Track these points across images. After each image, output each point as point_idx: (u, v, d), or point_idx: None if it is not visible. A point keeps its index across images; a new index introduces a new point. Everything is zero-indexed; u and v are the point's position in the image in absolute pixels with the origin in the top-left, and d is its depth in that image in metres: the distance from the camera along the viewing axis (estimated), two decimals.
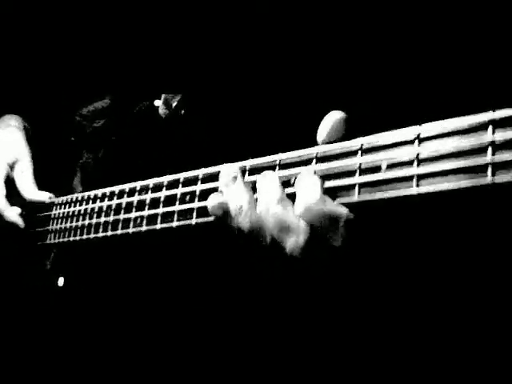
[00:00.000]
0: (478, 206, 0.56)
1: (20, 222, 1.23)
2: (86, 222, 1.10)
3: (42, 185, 1.28)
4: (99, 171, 1.23)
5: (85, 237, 1.10)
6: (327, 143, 0.69)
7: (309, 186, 0.65)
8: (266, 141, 0.88)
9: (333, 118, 0.69)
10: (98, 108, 1.23)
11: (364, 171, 0.64)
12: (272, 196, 0.70)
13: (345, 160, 0.67)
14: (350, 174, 0.65)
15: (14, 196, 1.25)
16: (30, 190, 1.23)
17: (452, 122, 0.57)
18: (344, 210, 0.64)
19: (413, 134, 0.60)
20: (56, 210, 1.21)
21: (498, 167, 0.52)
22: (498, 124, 0.53)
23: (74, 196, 1.16)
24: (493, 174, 0.52)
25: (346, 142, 0.68)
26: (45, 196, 1.23)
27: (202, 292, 1.10)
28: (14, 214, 1.23)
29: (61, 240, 1.17)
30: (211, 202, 0.77)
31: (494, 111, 0.53)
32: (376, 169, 0.63)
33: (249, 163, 0.80)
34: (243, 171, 0.80)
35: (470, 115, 0.55)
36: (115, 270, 1.19)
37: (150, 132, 1.11)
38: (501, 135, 0.52)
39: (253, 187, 0.78)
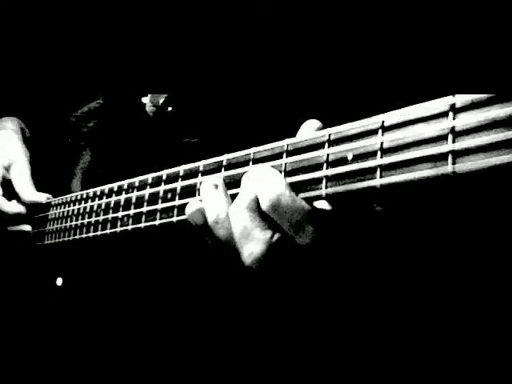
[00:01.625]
0: (444, 195, 0.53)
1: (22, 209, 1.23)
2: (79, 222, 1.10)
3: (41, 186, 1.28)
4: (93, 171, 1.23)
5: (78, 237, 1.10)
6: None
7: (272, 179, 0.63)
8: (251, 137, 0.86)
9: (309, 128, 0.67)
10: (91, 108, 1.23)
11: (331, 163, 0.62)
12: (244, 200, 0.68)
13: (313, 152, 0.64)
14: (318, 166, 0.63)
15: (12, 199, 1.25)
16: (27, 191, 1.23)
17: (414, 109, 0.54)
18: (306, 205, 0.61)
19: (377, 122, 0.58)
20: (53, 210, 1.22)
21: (458, 155, 0.50)
22: (459, 109, 0.50)
23: (69, 196, 1.17)
24: (453, 162, 0.50)
25: (314, 133, 0.66)
26: (42, 197, 1.23)
27: (199, 290, 1.09)
28: (13, 205, 1.23)
29: (57, 240, 1.18)
30: (190, 208, 0.75)
31: (453, 96, 0.51)
32: (343, 160, 0.61)
33: (225, 158, 0.79)
34: (219, 166, 0.79)
35: (430, 101, 0.53)
36: (112, 269, 1.19)
37: (137, 130, 1.10)
38: (461, 121, 0.50)
39: (232, 182, 0.76)
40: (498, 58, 0.55)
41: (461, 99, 0.50)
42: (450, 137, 0.50)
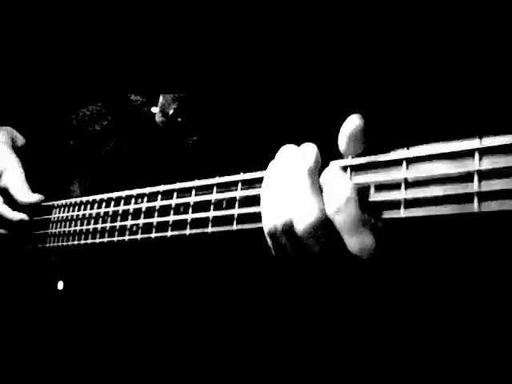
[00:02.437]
0: (467, 232, 0.56)
1: (24, 216, 1.24)
2: (84, 227, 1.10)
3: (41, 190, 1.29)
4: (98, 176, 1.23)
5: (82, 242, 1.10)
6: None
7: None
8: (263, 149, 0.87)
9: (351, 127, 0.62)
10: (93, 111, 1.23)
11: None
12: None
13: None
14: None
15: (13, 207, 1.26)
16: (21, 193, 1.24)
17: (439, 146, 0.56)
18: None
19: (401, 156, 0.60)
20: (55, 213, 1.22)
21: (484, 195, 0.52)
22: (485, 152, 0.53)
23: (73, 200, 1.17)
24: (479, 203, 0.52)
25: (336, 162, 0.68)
26: (36, 198, 1.24)
27: (201, 298, 1.11)
28: (16, 213, 1.25)
29: (60, 244, 1.18)
30: None
31: (481, 138, 0.53)
32: (365, 190, 0.63)
33: (241, 177, 0.80)
34: (235, 183, 0.80)
35: (457, 140, 0.55)
36: (114, 276, 1.20)
37: (147, 139, 1.11)
38: (487, 163, 0.52)
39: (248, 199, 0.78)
40: None
41: (488, 142, 0.52)
42: (476, 178, 0.53)
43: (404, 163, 0.59)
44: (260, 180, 0.76)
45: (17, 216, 1.25)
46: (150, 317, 1.14)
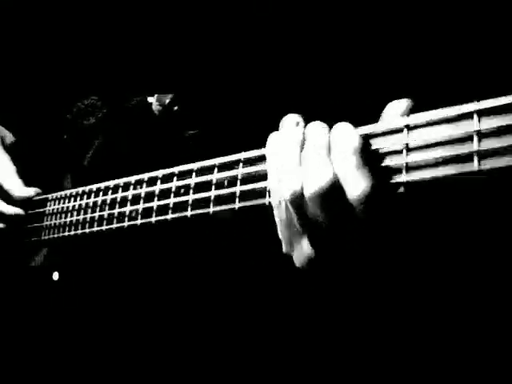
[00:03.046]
0: (468, 195, 0.59)
1: (20, 211, 1.25)
2: (81, 217, 1.11)
3: (35, 185, 1.29)
4: (93, 168, 1.24)
5: (80, 232, 1.11)
6: None
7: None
8: (259, 135, 0.89)
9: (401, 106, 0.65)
10: (88, 105, 1.24)
11: None
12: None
13: None
14: None
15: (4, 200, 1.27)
16: (16, 187, 1.24)
17: (439, 112, 0.59)
18: None
19: (402, 123, 0.63)
20: (50, 206, 1.23)
21: (483, 154, 0.55)
22: (483, 113, 0.56)
23: (68, 192, 1.17)
24: (479, 161, 0.55)
25: None
26: (31, 191, 1.25)
27: (200, 289, 1.12)
28: (10, 207, 1.25)
29: (55, 236, 1.19)
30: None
31: (478, 101, 0.56)
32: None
33: (242, 156, 0.82)
34: (237, 162, 0.82)
35: (456, 105, 0.58)
36: (111, 265, 1.20)
37: (144, 128, 1.13)
38: (486, 123, 0.55)
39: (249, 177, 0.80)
40: None
41: (485, 105, 0.56)
42: (476, 138, 0.56)
43: (405, 130, 0.62)
44: (262, 158, 0.79)
45: (11, 210, 1.25)
46: (151, 304, 1.15)
